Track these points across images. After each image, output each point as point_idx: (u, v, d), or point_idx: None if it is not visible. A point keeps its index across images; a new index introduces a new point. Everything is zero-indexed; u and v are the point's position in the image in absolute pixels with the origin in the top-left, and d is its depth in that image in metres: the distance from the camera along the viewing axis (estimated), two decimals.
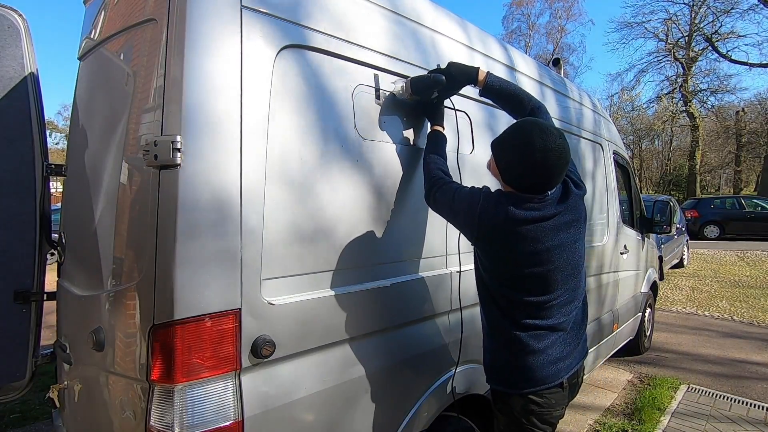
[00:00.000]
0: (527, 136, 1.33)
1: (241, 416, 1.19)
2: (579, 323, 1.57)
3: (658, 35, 25.12)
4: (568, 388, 1.51)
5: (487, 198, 1.41)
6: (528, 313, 1.43)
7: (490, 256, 1.45)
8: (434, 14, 1.91)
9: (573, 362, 1.52)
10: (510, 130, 1.42)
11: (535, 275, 1.39)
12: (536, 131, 1.33)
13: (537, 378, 1.43)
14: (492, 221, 1.37)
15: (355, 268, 1.50)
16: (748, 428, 3.04)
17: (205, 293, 1.14)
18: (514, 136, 1.38)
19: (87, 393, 1.49)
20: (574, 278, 1.49)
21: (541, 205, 1.37)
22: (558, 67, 3.42)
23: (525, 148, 1.32)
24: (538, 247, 1.37)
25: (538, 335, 1.43)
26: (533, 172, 1.33)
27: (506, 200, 1.38)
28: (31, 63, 1.90)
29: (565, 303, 1.47)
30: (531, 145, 1.31)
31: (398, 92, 1.65)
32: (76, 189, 1.69)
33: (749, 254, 10.89)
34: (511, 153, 1.37)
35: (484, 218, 1.38)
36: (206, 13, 1.17)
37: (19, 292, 1.84)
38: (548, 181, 1.36)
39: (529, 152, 1.31)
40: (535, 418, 1.45)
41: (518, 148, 1.35)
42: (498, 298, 1.47)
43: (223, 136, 1.17)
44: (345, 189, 1.47)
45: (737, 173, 27.48)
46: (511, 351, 1.45)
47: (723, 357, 4.47)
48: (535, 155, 1.30)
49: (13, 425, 3.13)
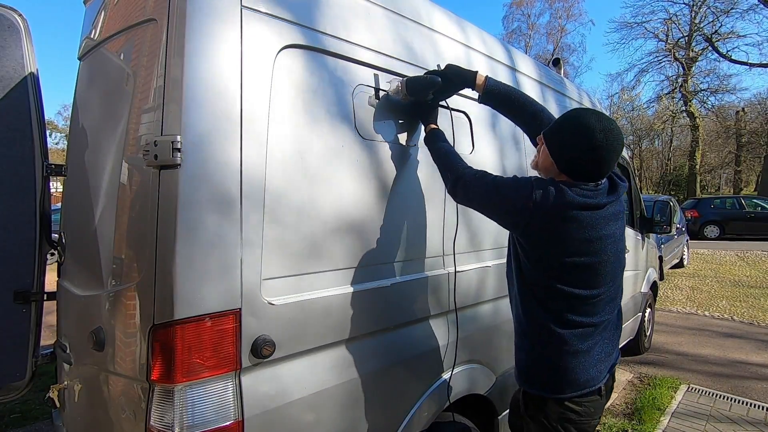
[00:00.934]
0: (585, 119, 1.32)
1: (241, 416, 1.19)
2: (617, 322, 1.51)
3: (658, 35, 25.15)
4: (605, 393, 1.44)
5: (540, 183, 1.35)
6: (573, 308, 1.36)
7: (539, 244, 1.37)
8: (434, 14, 1.91)
9: (610, 364, 1.45)
10: (564, 118, 1.40)
11: (585, 265, 1.33)
12: (592, 114, 1.33)
13: (579, 381, 1.36)
14: (547, 206, 1.31)
15: (355, 268, 1.50)
16: (748, 428, 3.04)
17: (205, 293, 1.14)
18: (572, 122, 1.36)
19: (87, 393, 1.49)
20: (620, 273, 1.45)
21: (596, 193, 1.34)
22: (558, 67, 3.42)
23: (586, 130, 1.30)
24: (592, 235, 1.32)
25: (584, 333, 1.36)
26: (594, 154, 1.30)
27: (562, 185, 1.33)
28: (31, 63, 1.90)
29: (610, 299, 1.42)
30: (591, 127, 1.29)
31: (393, 92, 1.64)
32: (76, 189, 1.69)
33: (749, 254, 10.89)
34: (571, 137, 1.33)
35: (540, 203, 1.31)
36: (206, 13, 1.17)
37: (19, 292, 1.84)
38: (607, 165, 1.33)
39: (591, 134, 1.29)
40: (573, 427, 1.37)
41: (579, 131, 1.32)
42: (539, 292, 1.39)
43: (223, 135, 1.17)
44: (345, 189, 1.47)
45: (737, 173, 27.48)
46: (552, 350, 1.37)
47: (723, 357, 4.47)
48: (596, 136, 1.28)
49: (13, 425, 3.13)
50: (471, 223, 1.95)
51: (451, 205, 1.83)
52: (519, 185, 1.38)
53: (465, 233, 1.91)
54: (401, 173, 1.66)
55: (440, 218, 1.80)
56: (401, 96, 1.64)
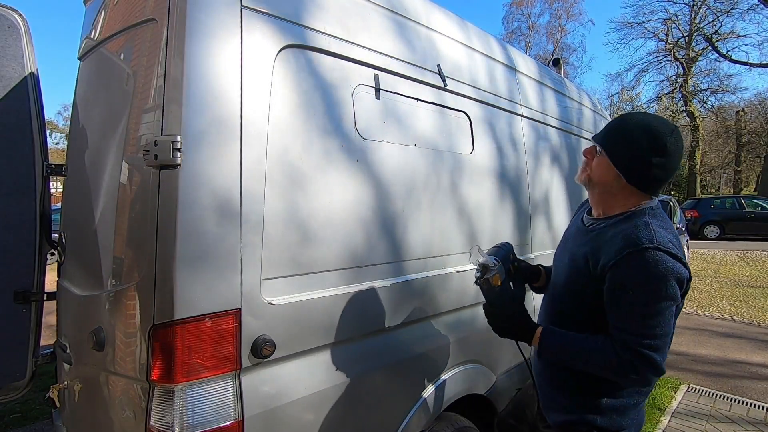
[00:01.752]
0: (653, 123, 1.18)
1: (241, 416, 1.19)
2: None
3: (658, 35, 25.15)
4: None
5: (671, 255, 1.10)
6: None
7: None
8: (434, 14, 1.91)
9: None
10: (625, 124, 1.22)
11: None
12: (652, 117, 1.20)
13: (643, 419, 1.28)
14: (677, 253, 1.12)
15: (355, 268, 1.50)
16: (748, 428, 3.04)
17: (205, 293, 1.14)
18: (641, 127, 1.19)
19: (87, 393, 1.49)
20: None
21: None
22: (558, 67, 3.42)
23: (659, 135, 1.16)
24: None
25: None
26: (669, 161, 1.17)
27: (666, 231, 1.15)
28: (31, 63, 1.90)
29: None
30: (662, 131, 1.16)
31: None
32: (76, 189, 1.69)
33: (749, 254, 10.89)
34: (642, 144, 1.17)
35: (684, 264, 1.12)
36: (206, 13, 1.17)
37: (19, 292, 1.84)
38: (675, 172, 1.22)
39: (664, 138, 1.16)
40: None
41: (651, 136, 1.16)
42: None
43: (224, 135, 1.17)
44: (345, 189, 1.47)
45: (737, 173, 27.48)
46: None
47: (723, 357, 4.47)
48: (669, 139, 1.16)
49: (13, 425, 3.13)
50: (471, 223, 1.95)
51: (451, 205, 1.83)
52: (677, 288, 1.11)
53: (465, 233, 1.91)
54: (401, 173, 1.66)
55: (440, 218, 1.80)
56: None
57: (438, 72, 1.83)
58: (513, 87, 2.35)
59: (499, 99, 2.20)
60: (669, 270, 1.09)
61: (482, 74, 2.12)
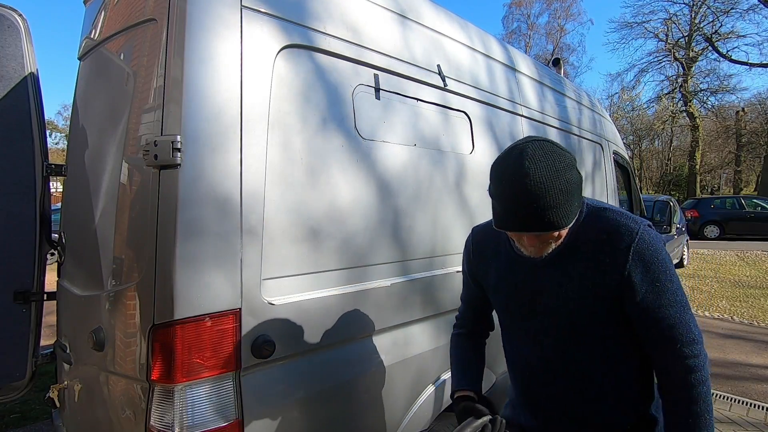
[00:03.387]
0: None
1: (240, 416, 1.19)
2: None
3: (658, 35, 25.14)
4: None
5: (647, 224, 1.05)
6: None
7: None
8: (434, 14, 1.91)
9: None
10: (551, 188, 0.91)
11: None
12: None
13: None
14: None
15: (355, 268, 1.50)
16: (748, 428, 3.04)
17: (205, 293, 1.14)
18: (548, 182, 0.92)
19: (87, 393, 1.49)
20: None
21: None
22: (558, 67, 3.42)
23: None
24: None
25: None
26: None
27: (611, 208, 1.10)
28: (31, 63, 1.90)
29: None
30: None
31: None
32: (76, 189, 1.69)
33: (749, 254, 10.89)
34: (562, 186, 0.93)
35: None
36: (206, 13, 1.17)
37: (19, 292, 1.84)
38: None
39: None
40: None
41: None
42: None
43: (223, 136, 1.17)
44: (345, 189, 1.47)
45: (737, 173, 27.46)
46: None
47: (723, 358, 4.47)
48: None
49: (13, 425, 3.13)
50: (470, 223, 1.95)
51: (450, 205, 1.83)
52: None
53: (464, 233, 1.91)
54: (401, 173, 1.66)
55: (440, 218, 1.80)
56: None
57: (438, 72, 1.83)
58: (513, 87, 2.35)
59: (499, 99, 2.20)
60: (661, 239, 1.06)
61: (482, 74, 2.12)
